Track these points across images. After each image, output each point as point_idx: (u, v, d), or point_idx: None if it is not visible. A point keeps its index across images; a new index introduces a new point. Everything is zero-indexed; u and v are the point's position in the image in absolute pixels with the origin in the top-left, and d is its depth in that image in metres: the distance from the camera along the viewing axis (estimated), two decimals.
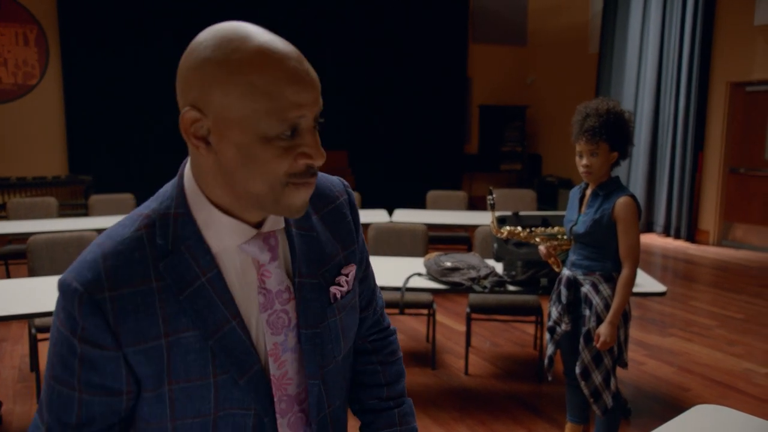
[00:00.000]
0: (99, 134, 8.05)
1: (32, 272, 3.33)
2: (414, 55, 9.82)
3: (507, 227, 2.91)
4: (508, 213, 3.52)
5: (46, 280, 3.08)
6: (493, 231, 2.94)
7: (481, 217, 5.01)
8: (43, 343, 3.18)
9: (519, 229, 2.86)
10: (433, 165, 10.02)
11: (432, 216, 5.15)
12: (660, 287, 3.08)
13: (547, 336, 2.67)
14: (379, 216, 4.99)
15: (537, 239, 2.78)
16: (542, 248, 2.73)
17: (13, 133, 7.70)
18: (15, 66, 7.64)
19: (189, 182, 0.85)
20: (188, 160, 0.87)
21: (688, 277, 6.24)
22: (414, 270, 3.31)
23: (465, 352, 3.73)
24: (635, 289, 2.83)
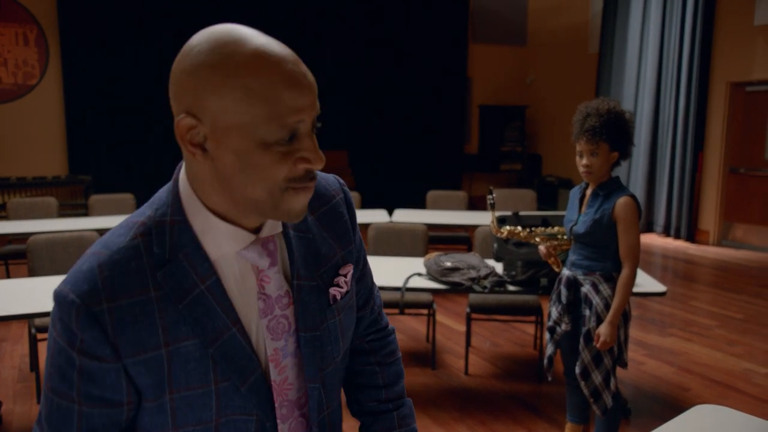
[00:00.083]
0: (99, 134, 8.05)
1: (32, 272, 3.33)
2: (414, 55, 9.82)
3: (507, 227, 2.91)
4: (508, 213, 3.53)
5: (46, 280, 3.08)
6: (493, 231, 2.94)
7: (481, 217, 5.01)
8: (43, 343, 3.18)
9: (519, 229, 2.86)
10: (433, 165, 10.02)
11: (432, 216, 5.15)
12: (660, 287, 3.08)
13: (547, 336, 2.67)
14: (379, 216, 4.99)
15: (537, 239, 2.78)
16: (542, 248, 2.73)
17: (13, 133, 7.70)
18: (15, 66, 7.64)
19: (184, 188, 0.84)
20: (183, 165, 0.86)
21: (688, 277, 6.24)
22: (414, 270, 3.31)
23: (465, 352, 3.73)
24: (635, 289, 2.83)
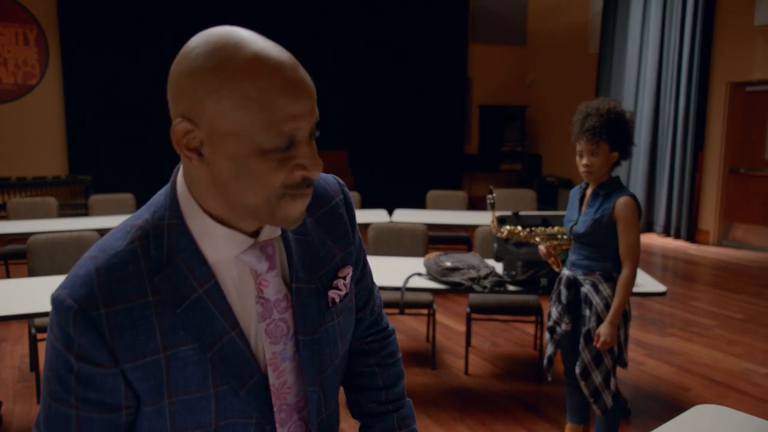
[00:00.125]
0: (99, 134, 8.05)
1: (32, 272, 3.33)
2: (414, 55, 9.82)
3: (507, 227, 2.90)
4: (508, 213, 3.53)
5: (46, 280, 3.08)
6: (493, 231, 2.94)
7: (481, 217, 5.01)
8: (43, 343, 3.17)
9: (519, 228, 2.86)
10: (433, 165, 10.02)
11: (432, 216, 5.15)
12: (660, 287, 3.07)
13: (547, 336, 2.67)
14: (379, 216, 4.98)
15: (537, 239, 2.78)
16: (542, 248, 2.73)
17: (13, 133, 7.70)
18: (15, 66, 7.64)
19: (182, 191, 0.83)
20: (180, 168, 0.85)
21: (688, 277, 6.24)
22: (414, 270, 3.31)
23: (465, 352, 3.73)
24: (635, 289, 2.83)
